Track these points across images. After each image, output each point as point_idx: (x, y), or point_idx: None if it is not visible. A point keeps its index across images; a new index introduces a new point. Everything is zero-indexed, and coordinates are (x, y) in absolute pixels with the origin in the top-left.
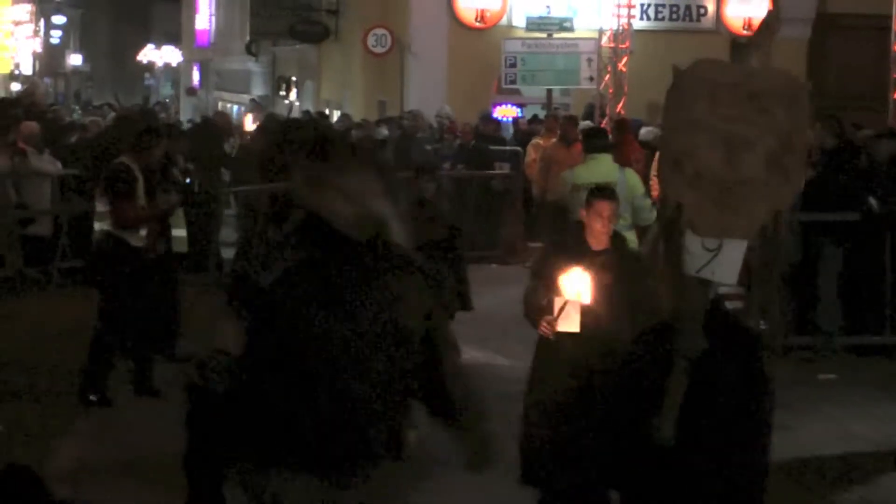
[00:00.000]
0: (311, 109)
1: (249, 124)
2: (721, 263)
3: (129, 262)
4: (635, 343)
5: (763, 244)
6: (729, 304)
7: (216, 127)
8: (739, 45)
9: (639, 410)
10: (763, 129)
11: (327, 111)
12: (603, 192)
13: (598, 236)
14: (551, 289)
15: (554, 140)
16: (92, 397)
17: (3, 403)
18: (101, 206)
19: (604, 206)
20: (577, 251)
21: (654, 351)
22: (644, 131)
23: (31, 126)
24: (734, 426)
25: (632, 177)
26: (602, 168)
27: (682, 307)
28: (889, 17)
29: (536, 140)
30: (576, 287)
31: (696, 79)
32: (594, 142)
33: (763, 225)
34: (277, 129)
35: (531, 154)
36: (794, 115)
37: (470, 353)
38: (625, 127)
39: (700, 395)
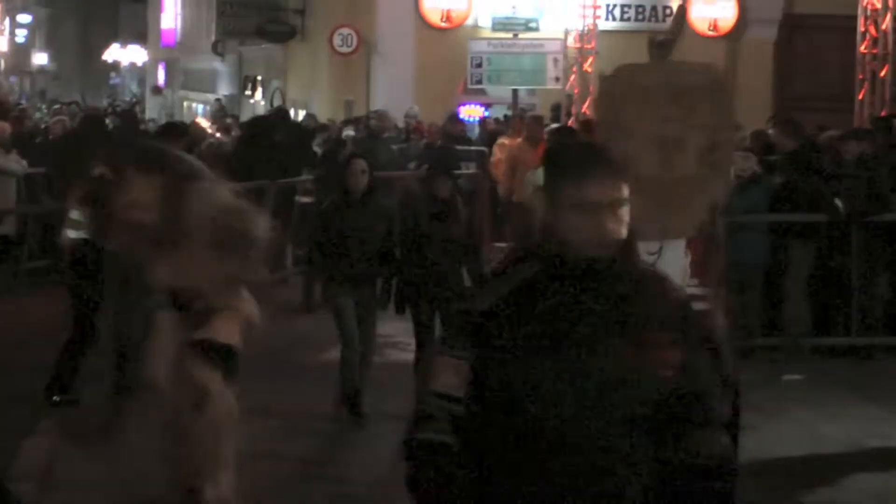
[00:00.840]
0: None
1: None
2: (664, 265)
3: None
4: None
5: (704, 241)
6: (697, 306)
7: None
8: (657, 43)
9: None
10: (691, 127)
11: (293, 111)
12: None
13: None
14: None
15: (520, 140)
16: (56, 398)
17: None
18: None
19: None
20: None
21: None
22: None
23: (3, 126)
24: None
25: None
26: None
27: None
28: (854, 17)
29: (502, 140)
30: None
31: (623, 84)
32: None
33: (701, 221)
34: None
35: (497, 154)
36: (718, 111)
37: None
38: (590, 127)
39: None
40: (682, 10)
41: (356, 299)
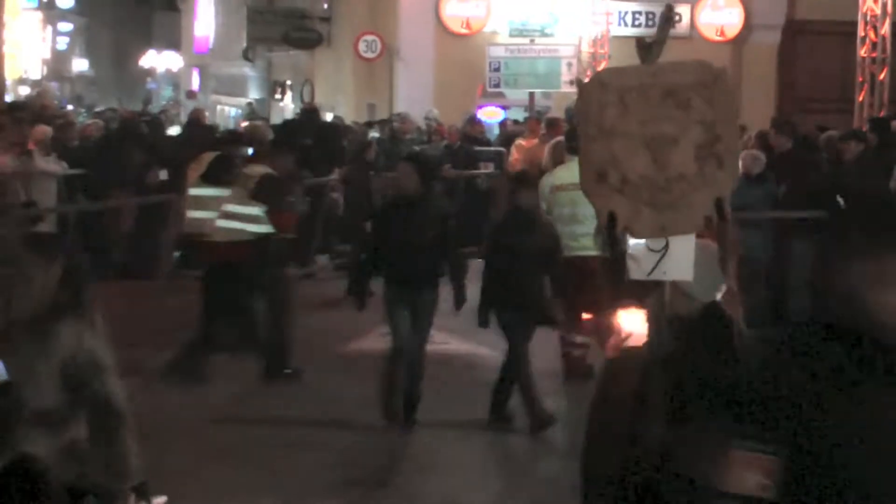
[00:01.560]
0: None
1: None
2: (672, 261)
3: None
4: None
5: (716, 235)
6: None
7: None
8: (645, 45)
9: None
10: (685, 123)
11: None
12: None
13: None
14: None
15: (536, 141)
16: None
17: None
18: (239, 208)
19: None
20: None
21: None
22: None
23: (44, 129)
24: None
25: None
26: None
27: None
28: (854, 23)
29: (519, 141)
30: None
31: (601, 87)
32: (574, 143)
33: (707, 215)
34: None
35: (514, 154)
36: (717, 104)
37: (456, 344)
38: (556, 124)
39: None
40: (668, 10)
41: (410, 302)
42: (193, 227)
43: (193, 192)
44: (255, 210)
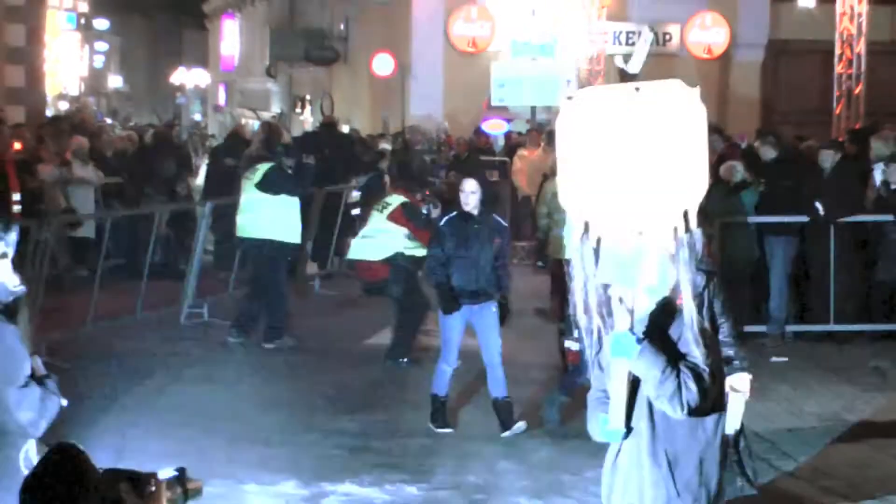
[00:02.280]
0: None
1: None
2: (640, 267)
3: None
4: None
5: (679, 244)
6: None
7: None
8: (624, 75)
9: None
10: (658, 140)
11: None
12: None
13: None
14: None
15: (537, 151)
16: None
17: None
18: (388, 226)
19: None
20: None
21: None
22: None
23: (81, 140)
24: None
25: None
26: None
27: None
28: (832, 42)
29: (521, 151)
30: None
31: (581, 107)
32: None
33: (675, 226)
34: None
35: (517, 164)
36: (689, 121)
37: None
38: (536, 138)
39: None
40: (648, 32)
41: (469, 315)
42: (242, 232)
43: (246, 198)
44: (395, 229)
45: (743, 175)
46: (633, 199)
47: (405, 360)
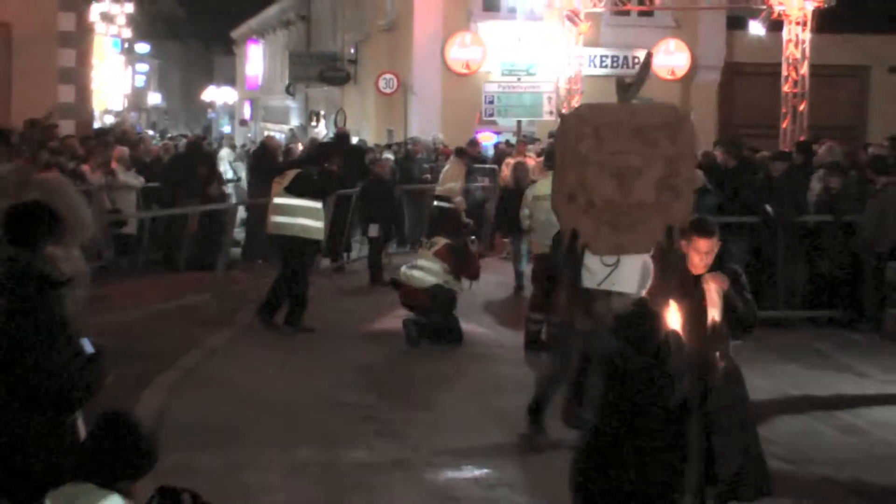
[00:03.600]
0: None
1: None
2: (621, 275)
3: None
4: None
5: (661, 256)
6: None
7: (272, 148)
8: (624, 85)
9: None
10: (650, 158)
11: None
12: (701, 229)
13: (696, 266)
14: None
15: (520, 158)
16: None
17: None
18: (433, 261)
19: (702, 243)
20: (680, 278)
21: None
22: None
23: (122, 150)
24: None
25: None
26: None
27: (593, 315)
28: (780, 65)
29: (508, 159)
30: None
31: (580, 121)
32: (550, 162)
33: (658, 240)
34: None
35: (504, 171)
36: (679, 143)
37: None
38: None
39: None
40: (648, 57)
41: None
42: (274, 230)
43: (277, 200)
44: (438, 266)
45: (703, 181)
46: (619, 211)
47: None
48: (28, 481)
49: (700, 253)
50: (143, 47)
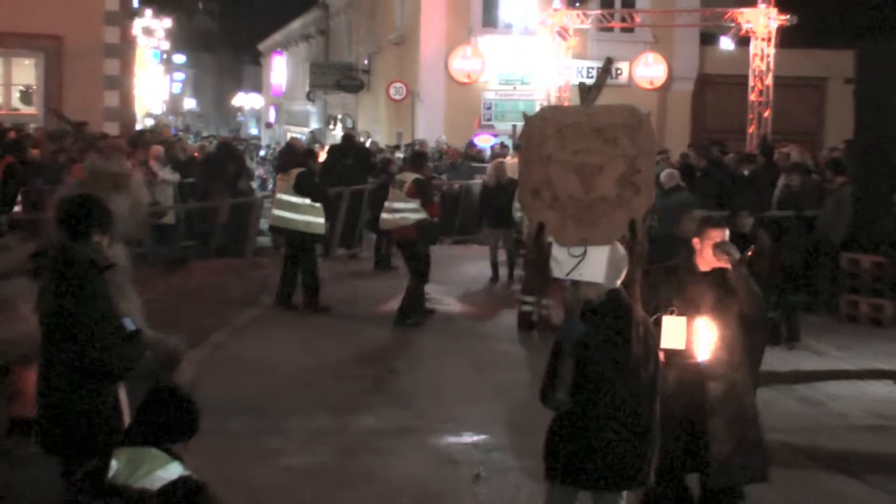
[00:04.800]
0: (349, 131)
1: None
2: (587, 266)
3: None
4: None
5: (628, 249)
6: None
7: (308, 148)
8: (586, 88)
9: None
10: (610, 156)
11: (363, 138)
12: (713, 222)
13: (707, 260)
14: (661, 308)
15: (516, 159)
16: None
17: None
18: (408, 205)
19: (715, 233)
20: (687, 272)
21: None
22: None
23: (158, 149)
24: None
25: None
26: None
27: (563, 303)
28: (747, 76)
29: (502, 160)
30: (675, 327)
31: (544, 122)
32: None
33: (623, 233)
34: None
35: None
36: (638, 142)
37: (451, 306)
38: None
39: (600, 368)
40: (608, 64)
41: None
42: (279, 223)
43: (282, 196)
44: (413, 204)
45: (677, 180)
46: (583, 206)
47: (411, 321)
48: (73, 443)
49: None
50: (179, 58)
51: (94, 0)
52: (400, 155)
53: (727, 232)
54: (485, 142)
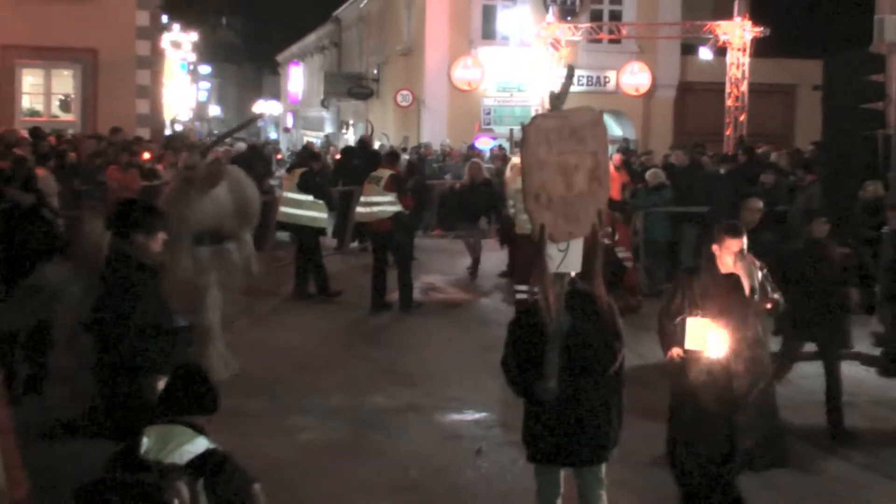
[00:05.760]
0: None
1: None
2: (570, 259)
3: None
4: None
5: (592, 237)
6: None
7: (312, 150)
8: (555, 96)
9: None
10: (582, 154)
11: (380, 142)
12: (733, 230)
13: (727, 264)
14: (684, 308)
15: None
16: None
17: None
18: (384, 198)
19: (734, 243)
20: (709, 274)
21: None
22: None
23: (187, 155)
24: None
25: None
26: None
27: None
28: (724, 83)
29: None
30: (700, 331)
31: (536, 129)
32: None
33: (593, 224)
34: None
35: (507, 173)
36: (598, 138)
37: (456, 294)
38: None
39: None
40: (571, 70)
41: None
42: (286, 219)
43: (288, 194)
44: (389, 197)
45: (662, 178)
46: (567, 204)
47: (412, 307)
48: (120, 428)
49: (732, 252)
50: (205, 69)
51: (127, 16)
52: (406, 156)
53: (744, 240)
54: (484, 144)
